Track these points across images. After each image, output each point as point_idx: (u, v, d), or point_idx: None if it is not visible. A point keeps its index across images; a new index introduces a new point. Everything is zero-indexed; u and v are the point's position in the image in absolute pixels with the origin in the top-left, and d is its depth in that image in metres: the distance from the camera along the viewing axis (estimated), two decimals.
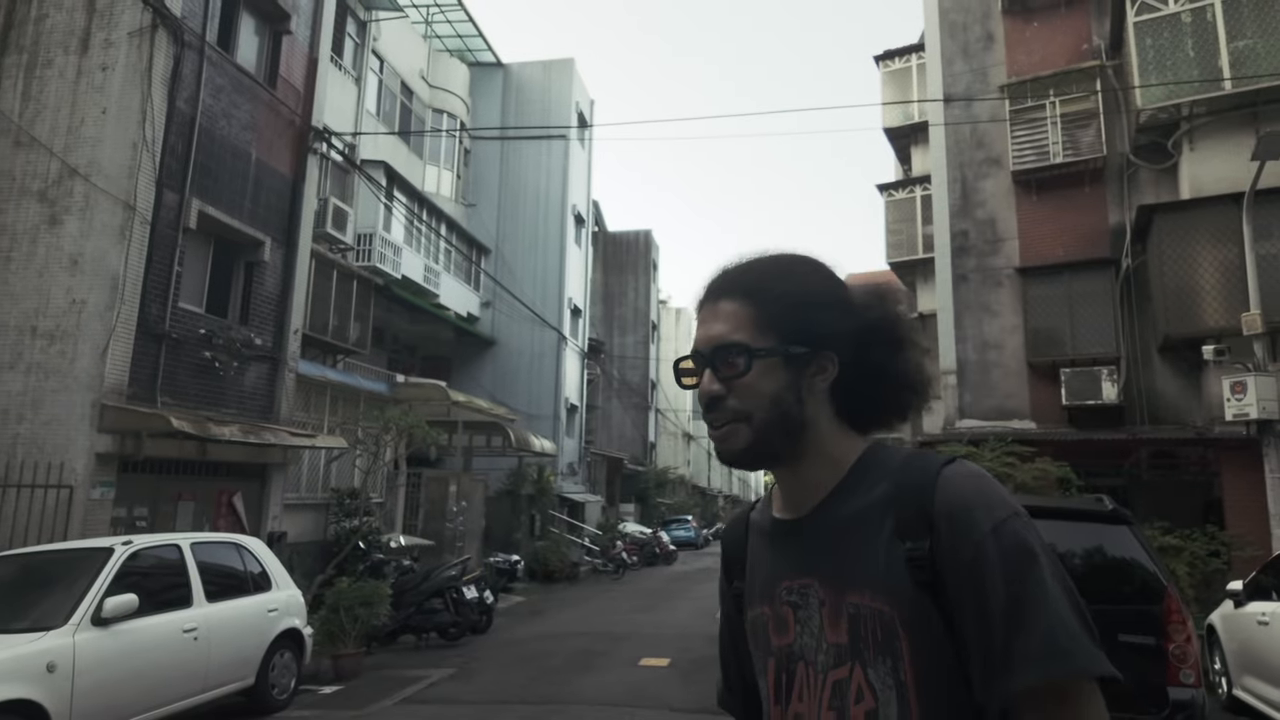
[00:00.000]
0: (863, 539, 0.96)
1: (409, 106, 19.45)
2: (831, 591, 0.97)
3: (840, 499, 1.01)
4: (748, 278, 1.04)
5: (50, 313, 8.40)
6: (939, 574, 0.90)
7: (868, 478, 1.00)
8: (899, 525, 0.94)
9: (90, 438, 8.06)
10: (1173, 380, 10.75)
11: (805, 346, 0.99)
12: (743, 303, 1.01)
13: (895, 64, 17.66)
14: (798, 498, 1.04)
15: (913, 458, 1.01)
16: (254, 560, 7.25)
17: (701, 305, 1.06)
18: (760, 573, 1.09)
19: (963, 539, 0.89)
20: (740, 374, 0.98)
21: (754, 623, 1.08)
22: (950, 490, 0.93)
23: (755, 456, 1.00)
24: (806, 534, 1.02)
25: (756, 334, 0.99)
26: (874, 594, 0.93)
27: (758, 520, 1.14)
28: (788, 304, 1.01)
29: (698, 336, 1.04)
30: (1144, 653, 4.20)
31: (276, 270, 10.96)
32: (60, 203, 8.64)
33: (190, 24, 9.49)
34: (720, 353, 1.00)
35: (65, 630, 5.23)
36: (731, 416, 0.99)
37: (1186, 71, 10.45)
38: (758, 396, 0.98)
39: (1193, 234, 10.03)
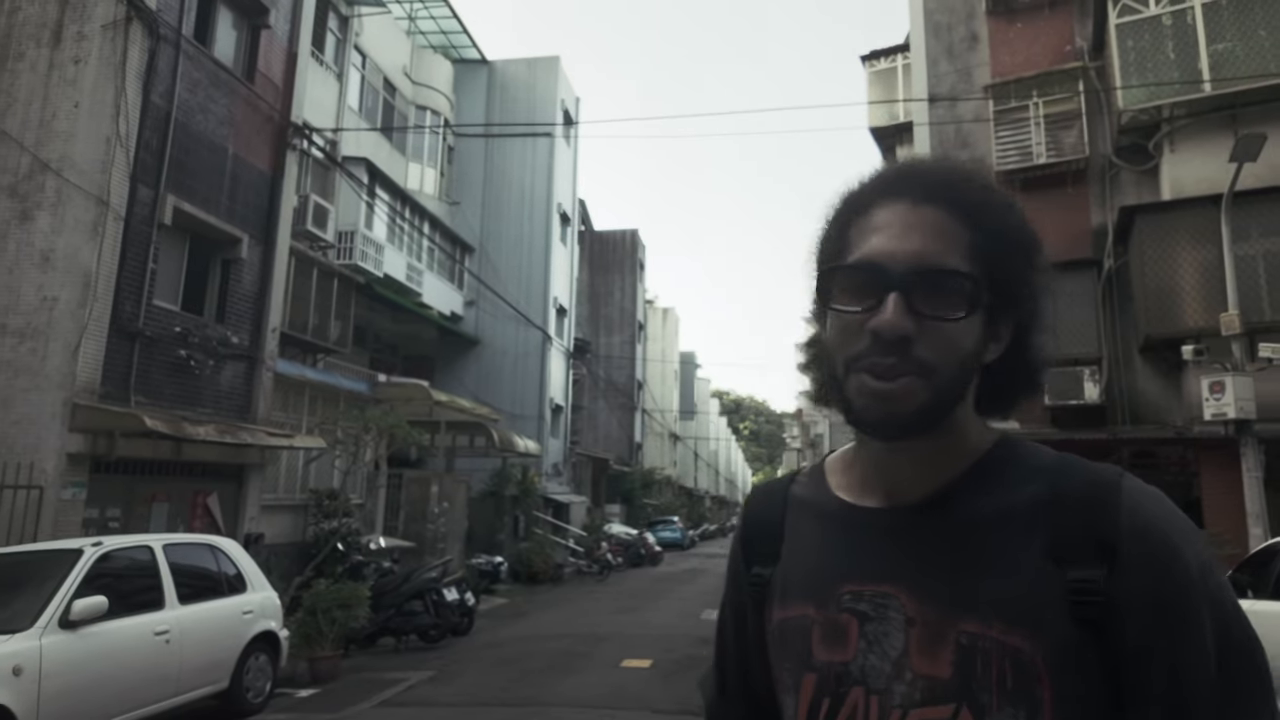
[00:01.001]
0: (995, 551, 0.75)
1: (392, 103, 19.30)
2: (930, 611, 0.75)
3: (966, 495, 0.78)
4: (962, 188, 0.79)
5: (21, 310, 8.24)
6: (1114, 613, 0.70)
7: (1007, 474, 0.79)
8: (1058, 543, 0.73)
9: (61, 437, 7.91)
10: (1153, 380, 10.82)
11: (1006, 302, 0.78)
12: (958, 219, 0.77)
13: (881, 64, 17.72)
14: (898, 480, 0.81)
15: (1069, 460, 0.80)
16: (229, 562, 7.14)
17: (877, 202, 0.80)
18: (808, 565, 0.86)
19: (1163, 577, 0.70)
20: (954, 317, 0.74)
21: (787, 626, 0.86)
22: (1143, 510, 0.73)
23: (922, 425, 0.75)
24: (900, 530, 0.80)
25: (975, 269, 0.75)
26: (1008, 625, 0.72)
27: (808, 498, 0.91)
28: (1008, 240, 0.78)
29: (881, 246, 0.76)
30: None
31: (254, 268, 10.82)
32: (31, 198, 8.47)
33: (165, 17, 9.34)
34: (930, 279, 0.74)
35: (32, 633, 5.12)
36: (915, 369, 0.73)
37: (1167, 73, 10.53)
38: (955, 350, 0.75)
39: (1173, 235, 10.11)
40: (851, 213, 0.82)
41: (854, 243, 0.79)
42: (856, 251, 0.78)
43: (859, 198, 0.82)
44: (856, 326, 0.75)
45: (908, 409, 0.74)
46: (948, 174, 0.81)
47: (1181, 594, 0.70)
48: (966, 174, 0.82)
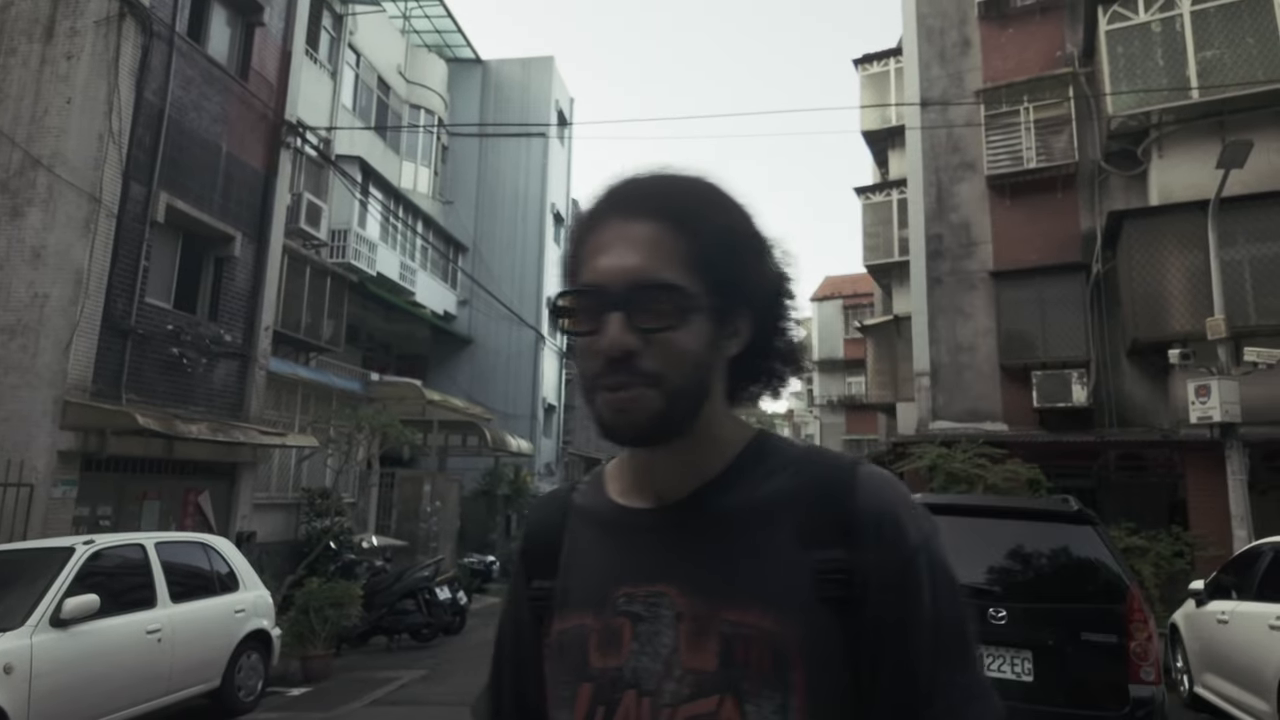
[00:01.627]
0: (750, 542, 0.79)
1: (386, 102, 19.26)
2: (697, 604, 0.78)
3: (723, 489, 0.82)
4: (670, 197, 0.81)
5: (11, 306, 8.20)
6: (854, 591, 0.76)
7: (761, 467, 0.83)
8: (805, 529, 0.78)
9: (52, 435, 7.87)
10: (1141, 383, 10.94)
11: (729, 300, 0.81)
12: (670, 230, 0.79)
13: (874, 67, 17.81)
14: (662, 481, 0.84)
15: (815, 450, 0.86)
16: (221, 560, 7.13)
17: (601, 220, 0.82)
18: (585, 572, 0.86)
19: (891, 551, 0.77)
20: (669, 327, 0.76)
21: (566, 637, 0.84)
22: (875, 493, 0.79)
23: (659, 432, 0.78)
24: (668, 529, 0.82)
25: (688, 276, 0.78)
26: (763, 610, 0.75)
27: (586, 505, 0.91)
28: (721, 242, 0.80)
29: (601, 265, 0.78)
30: (1106, 651, 4.27)
31: (247, 266, 10.79)
32: (22, 194, 8.43)
33: (159, 13, 9.31)
34: (644, 294, 0.76)
35: (23, 631, 5.10)
36: (643, 381, 0.76)
37: (1156, 80, 10.65)
38: (681, 358, 0.77)
39: (1160, 240, 10.22)
40: (584, 231, 0.83)
41: (584, 262, 0.81)
42: (584, 273, 0.81)
43: (589, 216, 0.84)
44: (591, 349, 0.78)
45: (643, 418, 0.77)
46: (659, 185, 0.83)
47: (907, 563, 0.77)
48: (679, 183, 0.83)
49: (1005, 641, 4.40)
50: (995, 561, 4.73)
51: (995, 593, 4.55)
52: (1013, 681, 4.35)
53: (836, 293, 32.78)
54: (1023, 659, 4.39)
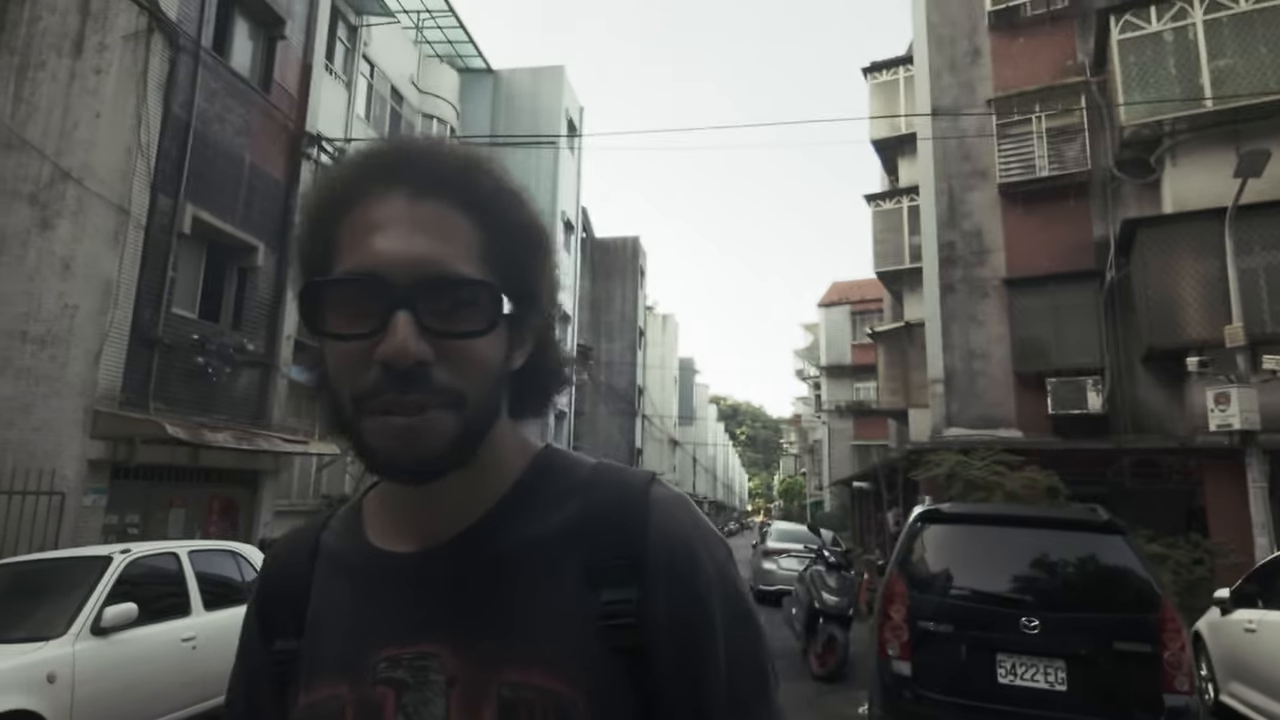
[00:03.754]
0: (531, 587, 0.67)
1: (399, 111, 19.41)
2: (471, 666, 0.65)
3: (500, 524, 0.69)
4: (468, 178, 0.66)
5: (41, 317, 8.31)
6: (645, 636, 0.65)
7: (541, 497, 0.71)
8: (592, 567, 0.67)
9: (82, 444, 7.97)
10: (1156, 391, 10.98)
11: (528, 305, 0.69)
12: (472, 218, 0.65)
13: (883, 76, 17.91)
14: (426, 520, 0.70)
15: (604, 470, 0.74)
16: (250, 568, 7.20)
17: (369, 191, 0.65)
18: (337, 632, 0.71)
19: (685, 591, 0.67)
20: (473, 332, 0.63)
21: (315, 712, 0.69)
22: (667, 521, 0.69)
23: (454, 462, 0.64)
24: (435, 576, 0.68)
25: (486, 273, 0.65)
26: (547, 669, 0.64)
27: (337, 549, 0.76)
28: (521, 240, 0.68)
29: (378, 249, 0.62)
30: (1139, 660, 4.31)
31: (269, 276, 10.91)
32: (52, 206, 8.55)
33: (185, 28, 9.44)
34: (440, 291, 0.62)
35: (65, 640, 5.17)
36: (440, 399, 0.62)
37: (1169, 89, 10.72)
38: (483, 371, 0.64)
39: (1175, 248, 10.27)
40: (337, 204, 0.66)
41: (345, 246, 0.64)
42: (349, 258, 0.63)
43: (345, 185, 0.66)
44: (362, 356, 0.62)
45: (436, 446, 0.62)
46: (452, 160, 0.67)
47: (701, 602, 0.67)
48: (473, 159, 0.68)
49: (1038, 651, 4.45)
50: (1025, 571, 4.79)
51: (1027, 602, 4.61)
52: (1046, 691, 4.40)
53: (844, 298, 32.84)
54: (1055, 668, 4.43)
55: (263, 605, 0.78)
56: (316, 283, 0.64)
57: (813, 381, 33.78)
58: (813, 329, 35.39)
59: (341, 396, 0.64)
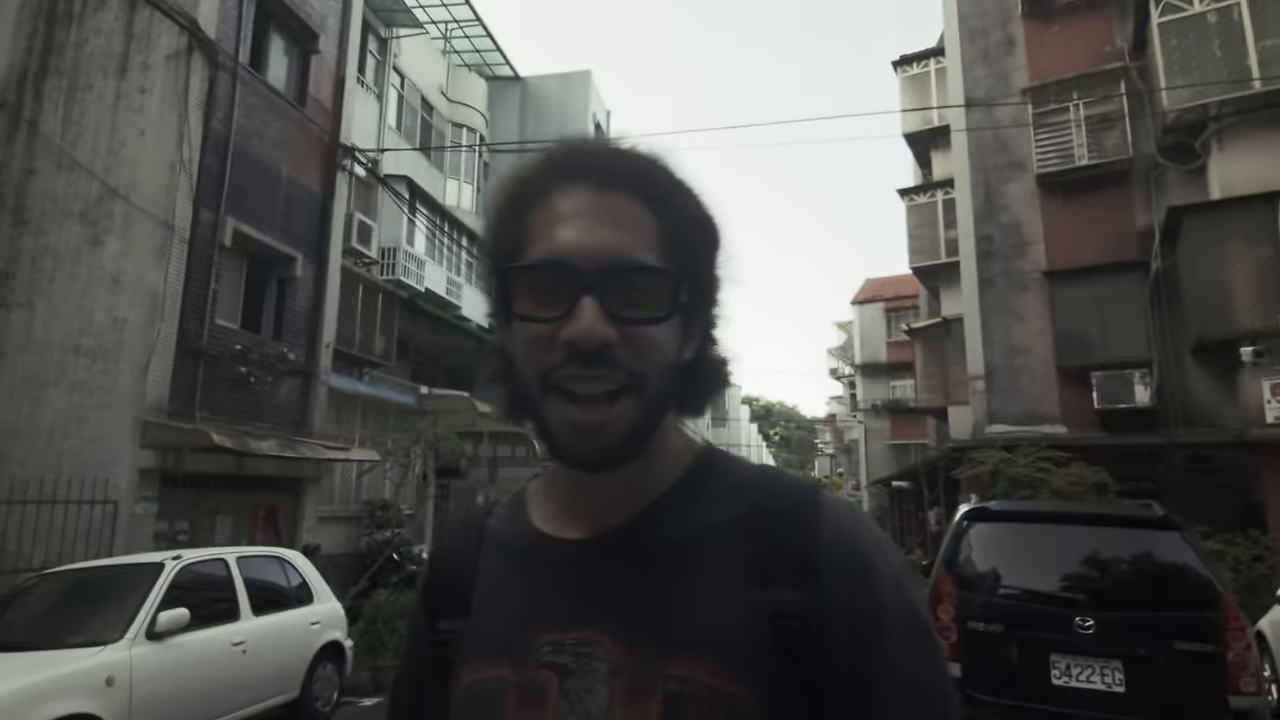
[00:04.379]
0: (698, 580, 0.67)
1: (429, 121, 19.66)
2: (636, 655, 0.65)
3: (668, 516, 0.70)
4: (650, 173, 0.69)
5: (93, 331, 8.55)
6: (817, 640, 0.64)
7: (707, 491, 0.71)
8: (759, 565, 0.66)
9: (133, 453, 8.19)
10: (1206, 383, 10.64)
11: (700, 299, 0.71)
12: (652, 210, 0.68)
13: (914, 69, 17.67)
14: (597, 506, 0.71)
15: (769, 472, 0.74)
16: (295, 573, 7.34)
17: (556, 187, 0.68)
18: (502, 615, 0.73)
19: (859, 594, 0.65)
20: (655, 318, 0.65)
21: (478, 691, 0.71)
22: (840, 525, 0.68)
23: (631, 452, 0.66)
24: (601, 563, 0.70)
25: (666, 263, 0.67)
26: (717, 665, 0.63)
27: (505, 534, 0.78)
28: (699, 232, 0.71)
29: (565, 239, 0.66)
30: (1201, 660, 4.17)
31: (308, 285, 11.11)
32: (101, 223, 8.80)
33: (224, 46, 9.66)
34: (625, 278, 0.65)
35: (122, 644, 5.31)
36: (625, 382, 0.64)
37: (1214, 71, 10.40)
38: (661, 357, 0.66)
39: (1224, 235, 9.96)
40: (528, 197, 0.70)
41: (535, 236, 0.68)
42: (539, 246, 0.67)
43: (535, 179, 0.70)
44: (548, 337, 0.65)
45: (615, 438, 0.64)
46: (633, 155, 0.70)
47: (877, 607, 0.65)
48: (652, 155, 0.71)
49: (1094, 651, 4.33)
50: (1078, 569, 4.66)
51: (1081, 601, 4.49)
52: (1103, 692, 4.28)
53: (878, 295, 32.43)
54: (1113, 669, 4.31)
55: (430, 587, 0.82)
56: (511, 267, 0.68)
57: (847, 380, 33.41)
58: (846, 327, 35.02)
59: (527, 375, 0.67)
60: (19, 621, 5.78)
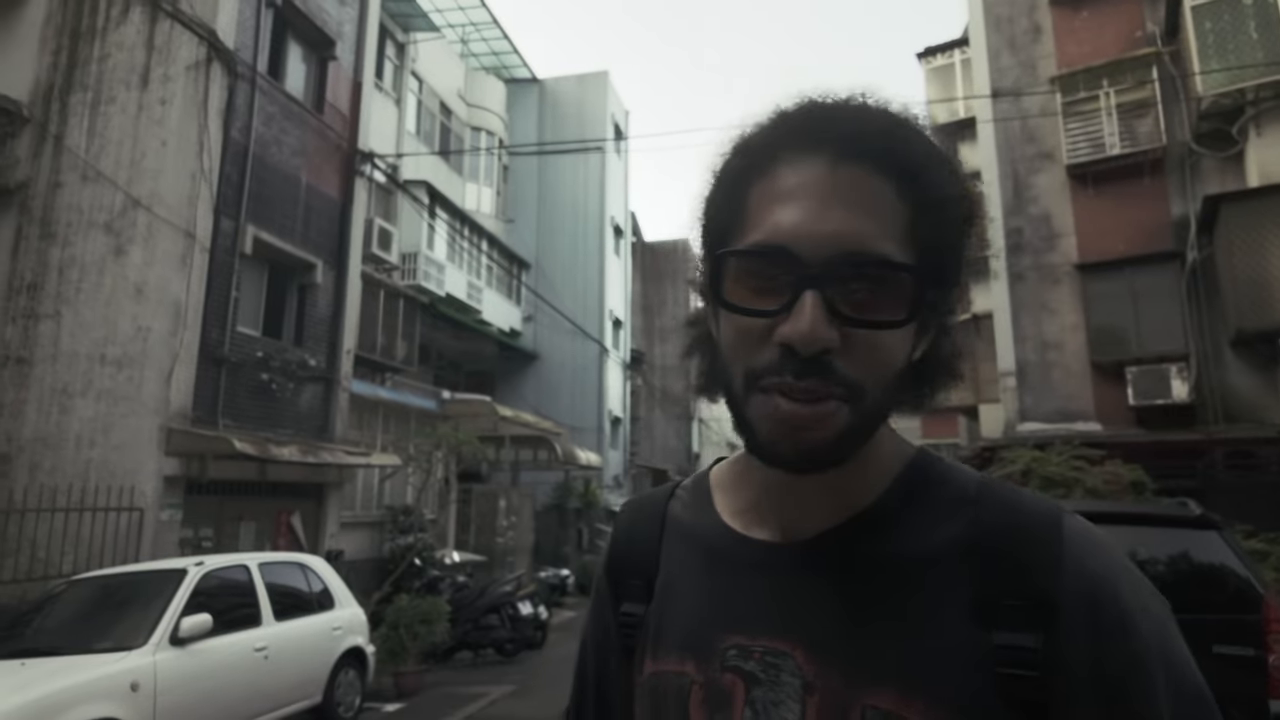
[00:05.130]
0: (910, 605, 0.61)
1: (448, 125, 19.75)
2: (834, 676, 0.61)
3: (876, 529, 0.64)
4: (907, 144, 0.61)
5: (118, 340, 8.66)
6: (1050, 694, 0.57)
7: (925, 503, 0.65)
8: (985, 599, 0.59)
9: (158, 461, 8.27)
10: (1248, 376, 10.29)
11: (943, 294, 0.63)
12: (898, 189, 0.59)
13: (938, 60, 17.37)
14: (794, 510, 0.67)
15: (996, 487, 0.65)
16: (317, 579, 7.35)
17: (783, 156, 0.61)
18: (687, 608, 0.70)
19: (1111, 644, 0.57)
20: (889, 323, 0.58)
21: (661, 682, 0.70)
22: (1087, 562, 0.59)
23: (839, 456, 0.60)
24: (797, 572, 0.65)
25: (911, 254, 0.59)
26: (928, 704, 0.58)
27: (690, 522, 0.75)
28: (952, 216, 0.61)
29: (790, 223, 0.58)
30: (1241, 665, 4.01)
31: (328, 292, 11.17)
32: (125, 233, 8.92)
33: (242, 55, 9.75)
34: (861, 273, 0.58)
35: (146, 650, 5.35)
36: (839, 391, 0.58)
37: (1250, 55, 10.06)
38: (889, 365, 0.60)
39: (1264, 223, 9.63)
40: (749, 169, 0.62)
41: (754, 215, 0.61)
42: (758, 227, 0.60)
43: (759, 146, 0.63)
44: (761, 332, 0.59)
45: (826, 439, 0.58)
46: (877, 120, 0.61)
47: (1136, 663, 0.57)
48: (901, 120, 0.62)
49: None
50: None
51: None
52: None
53: None
54: None
55: (613, 569, 0.79)
56: (722, 253, 0.61)
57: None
58: None
59: (733, 370, 0.62)
60: (48, 627, 5.86)
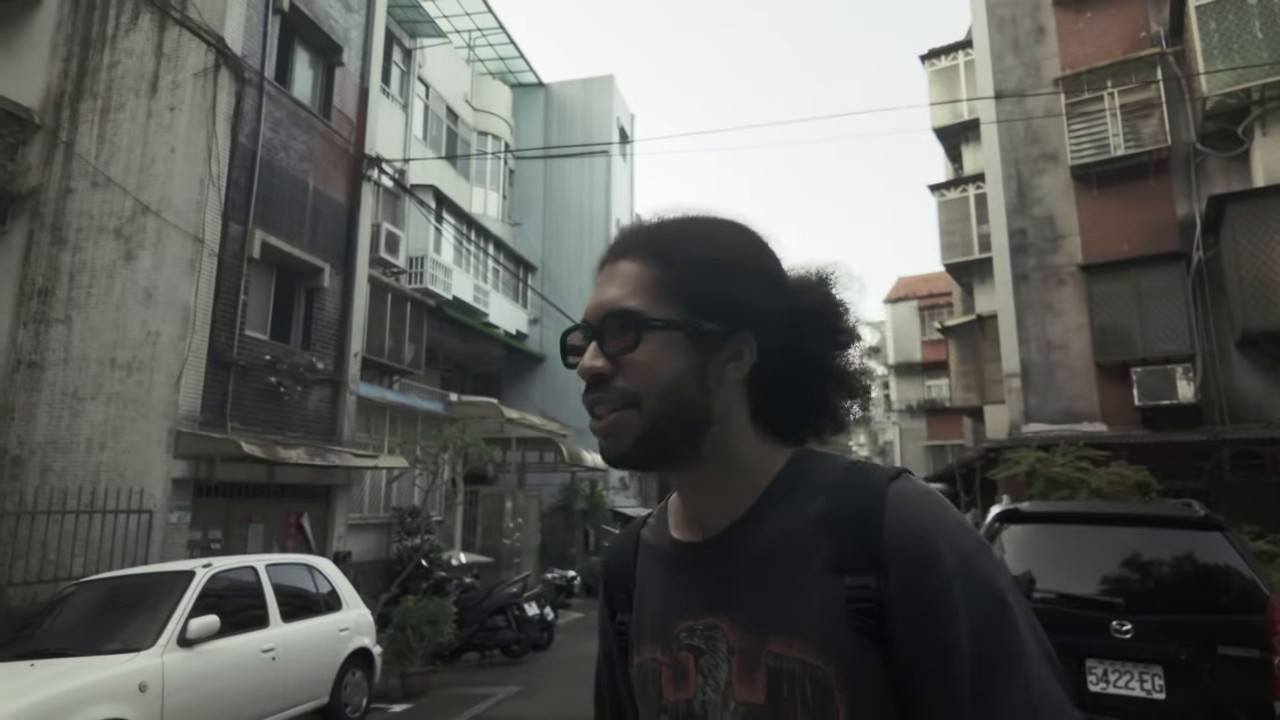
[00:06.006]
0: (789, 571, 0.79)
1: (455, 130, 19.85)
2: (746, 637, 0.79)
3: (758, 519, 0.82)
4: (655, 235, 0.86)
5: (128, 344, 8.76)
6: (887, 620, 0.73)
7: (796, 493, 0.82)
8: (836, 556, 0.76)
9: (167, 463, 8.35)
10: (1254, 377, 10.26)
11: (717, 323, 0.82)
12: (645, 263, 0.84)
13: (942, 62, 17.37)
14: (704, 515, 0.87)
15: (854, 469, 0.83)
16: (324, 580, 7.41)
17: (600, 268, 0.89)
18: (653, 607, 0.90)
19: (920, 579, 0.73)
20: (628, 348, 0.80)
21: (643, 671, 0.89)
22: (904, 514, 0.76)
23: (647, 454, 0.82)
24: (714, 562, 0.84)
25: (657, 302, 0.81)
26: (804, 642, 0.75)
27: (651, 540, 0.95)
28: (700, 268, 0.83)
29: (590, 302, 0.86)
30: (1247, 667, 3.99)
31: (336, 295, 11.26)
32: (134, 239, 9.02)
33: (250, 62, 9.85)
34: (609, 321, 0.82)
35: (154, 651, 5.40)
36: (619, 401, 0.81)
37: (1255, 54, 10.04)
38: (651, 378, 0.80)
39: (1270, 222, 9.60)
40: (596, 273, 0.91)
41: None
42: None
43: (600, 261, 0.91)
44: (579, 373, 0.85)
45: (624, 441, 0.82)
46: (646, 229, 0.88)
47: (938, 594, 0.72)
48: (675, 222, 0.88)
49: (1133, 656, 4.17)
50: (1115, 571, 4.50)
51: (1117, 605, 4.32)
52: (1143, 699, 4.12)
53: (911, 294, 31.91)
54: (1152, 675, 4.14)
55: (607, 588, 1.02)
56: (566, 330, 0.90)
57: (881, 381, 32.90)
58: (879, 327, 34.50)
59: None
60: (58, 628, 5.92)
